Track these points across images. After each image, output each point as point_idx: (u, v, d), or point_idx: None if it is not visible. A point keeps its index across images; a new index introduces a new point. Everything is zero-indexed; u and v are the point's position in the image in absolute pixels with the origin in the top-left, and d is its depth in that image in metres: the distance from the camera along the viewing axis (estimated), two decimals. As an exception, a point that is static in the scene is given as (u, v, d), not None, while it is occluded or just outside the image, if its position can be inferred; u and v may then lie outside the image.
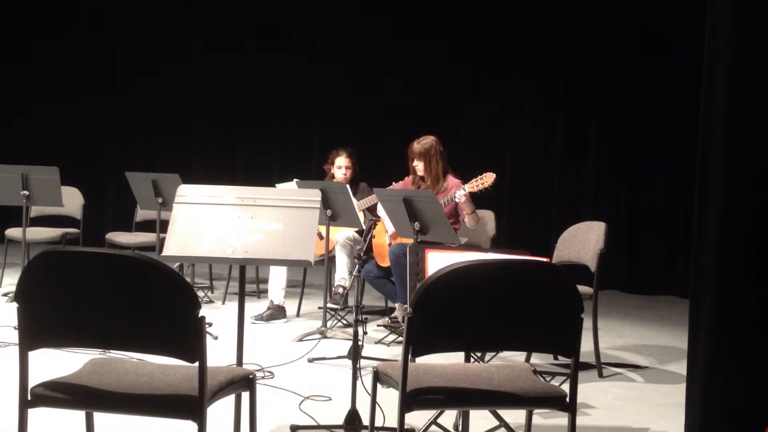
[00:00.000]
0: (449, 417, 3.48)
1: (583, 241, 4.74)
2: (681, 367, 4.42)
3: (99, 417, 2.61)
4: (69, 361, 2.80)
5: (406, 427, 2.51)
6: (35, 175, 5.65)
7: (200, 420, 2.22)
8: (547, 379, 4.16)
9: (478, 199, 5.15)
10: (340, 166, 5.90)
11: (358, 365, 3.32)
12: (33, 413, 2.29)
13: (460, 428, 3.37)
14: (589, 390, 4.19)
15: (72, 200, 6.73)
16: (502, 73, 7.88)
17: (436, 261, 2.95)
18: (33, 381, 2.30)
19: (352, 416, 3.22)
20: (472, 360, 3.34)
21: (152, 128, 9.13)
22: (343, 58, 8.41)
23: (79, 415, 2.58)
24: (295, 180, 5.53)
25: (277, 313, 5.70)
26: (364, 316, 3.59)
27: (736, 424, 2.75)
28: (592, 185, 7.68)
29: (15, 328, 2.29)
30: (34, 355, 2.29)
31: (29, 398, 2.27)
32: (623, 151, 7.54)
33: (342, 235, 5.69)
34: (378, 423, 3.08)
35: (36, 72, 9.16)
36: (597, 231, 4.68)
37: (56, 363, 3.12)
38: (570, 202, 7.61)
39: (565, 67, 7.68)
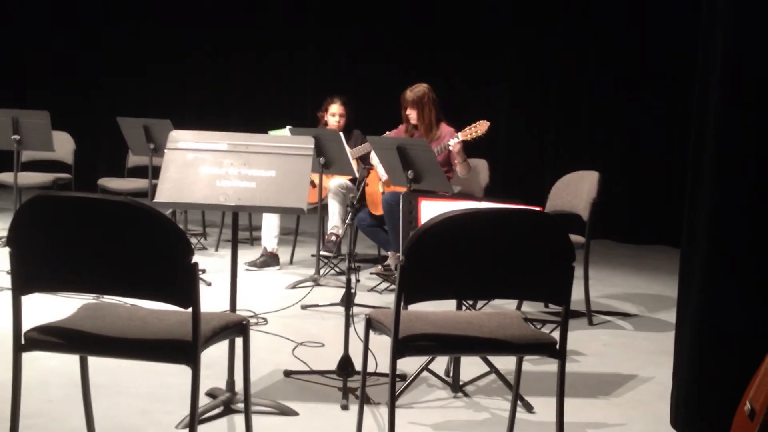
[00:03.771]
0: (441, 363, 3.53)
1: (576, 191, 4.75)
2: (670, 315, 4.47)
3: (93, 361, 2.63)
4: (63, 307, 2.82)
5: (398, 372, 2.53)
6: (26, 119, 5.60)
7: (194, 364, 2.24)
8: (538, 327, 4.21)
9: (471, 148, 5.13)
10: (334, 114, 5.86)
11: (350, 312, 3.34)
12: (27, 357, 2.31)
13: (451, 374, 3.42)
14: (578, 337, 4.24)
15: (64, 145, 6.68)
16: (499, 22, 7.80)
17: (429, 209, 2.95)
18: (27, 325, 2.31)
19: (345, 362, 3.26)
20: (463, 308, 3.37)
21: (144, 73, 9.03)
22: (337, 4, 8.29)
23: (73, 359, 2.60)
24: (288, 127, 5.49)
25: (270, 260, 5.71)
26: (356, 264, 3.61)
27: (725, 372, 2.78)
28: (587, 134, 7.66)
29: (8, 272, 2.29)
30: (27, 300, 2.29)
31: (23, 342, 2.28)
32: (618, 100, 7.50)
33: (334, 182, 5.68)
34: (370, 369, 3.11)
35: (28, 18, 9.01)
36: (590, 180, 4.68)
37: (50, 308, 3.14)
38: (564, 152, 7.60)
39: (563, 16, 7.60)
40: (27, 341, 2.29)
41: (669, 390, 3.06)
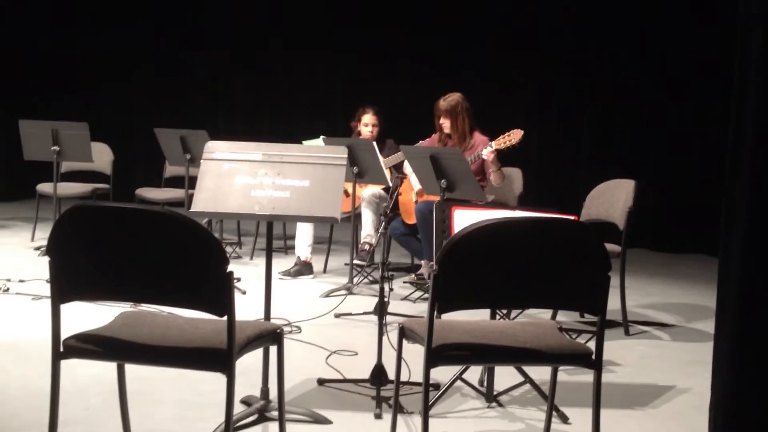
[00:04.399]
0: (474, 373, 3.51)
1: (611, 199, 4.71)
2: (708, 325, 4.41)
3: (129, 369, 2.67)
4: (101, 315, 2.86)
5: (431, 382, 2.53)
6: (65, 131, 5.71)
7: (229, 372, 2.26)
8: (573, 337, 4.17)
9: (505, 156, 5.11)
10: (367, 124, 5.89)
11: (384, 321, 3.35)
12: (65, 364, 2.34)
13: (485, 384, 3.40)
14: (615, 348, 4.20)
15: (102, 156, 6.78)
16: (530, 31, 7.77)
17: (463, 218, 2.95)
18: (65, 333, 2.35)
19: (378, 371, 3.26)
20: (497, 317, 3.35)
21: (180, 84, 9.14)
22: (369, 13, 8.33)
23: (111, 367, 2.63)
24: (321, 137, 5.52)
25: (304, 269, 5.74)
26: (390, 273, 3.62)
27: (764, 383, 2.73)
28: (621, 142, 7.59)
29: (47, 281, 2.33)
30: (66, 308, 2.33)
31: (62, 350, 2.32)
32: (652, 107, 7.43)
33: (368, 192, 5.69)
34: (404, 378, 3.11)
35: (63, 28, 9.17)
36: (626, 189, 4.64)
37: (88, 316, 3.18)
38: (597, 160, 7.54)
39: (594, 24, 7.57)
40: (66, 349, 2.32)
41: (707, 401, 3.00)
